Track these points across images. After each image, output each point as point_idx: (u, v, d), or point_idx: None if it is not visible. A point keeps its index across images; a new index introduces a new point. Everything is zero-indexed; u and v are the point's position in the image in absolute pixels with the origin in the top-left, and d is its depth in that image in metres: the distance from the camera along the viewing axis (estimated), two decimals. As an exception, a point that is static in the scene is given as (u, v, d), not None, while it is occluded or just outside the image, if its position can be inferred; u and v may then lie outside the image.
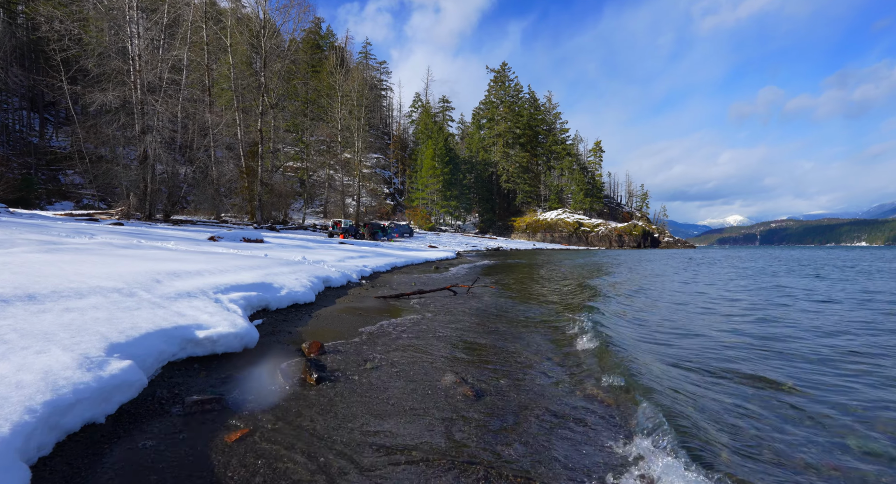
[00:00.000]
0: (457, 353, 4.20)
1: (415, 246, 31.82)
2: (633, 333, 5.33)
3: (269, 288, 5.65)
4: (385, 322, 5.45)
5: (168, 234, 13.15)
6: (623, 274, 15.17)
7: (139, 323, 3.10)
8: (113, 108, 21.86)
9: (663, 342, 4.93)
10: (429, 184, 61.28)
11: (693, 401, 3.00)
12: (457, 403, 2.92)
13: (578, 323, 5.37)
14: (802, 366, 3.98)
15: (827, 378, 3.65)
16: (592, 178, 78.22)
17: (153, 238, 11.13)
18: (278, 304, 5.59)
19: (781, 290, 10.40)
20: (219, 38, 31.15)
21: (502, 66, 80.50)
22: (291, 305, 5.85)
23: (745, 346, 4.76)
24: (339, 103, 44.59)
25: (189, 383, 2.96)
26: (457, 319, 5.90)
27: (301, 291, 6.20)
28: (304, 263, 9.45)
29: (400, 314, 6.11)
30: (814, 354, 4.39)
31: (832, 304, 8.12)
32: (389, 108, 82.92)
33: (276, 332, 4.55)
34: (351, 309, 6.21)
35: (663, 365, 3.89)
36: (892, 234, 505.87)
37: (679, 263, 24.55)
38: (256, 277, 5.96)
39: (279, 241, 16.32)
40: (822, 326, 5.99)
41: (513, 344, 4.63)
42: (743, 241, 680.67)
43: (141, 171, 23.50)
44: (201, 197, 30.07)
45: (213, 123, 28.13)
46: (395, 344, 4.38)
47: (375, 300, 7.15)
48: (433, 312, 6.35)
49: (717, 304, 8.09)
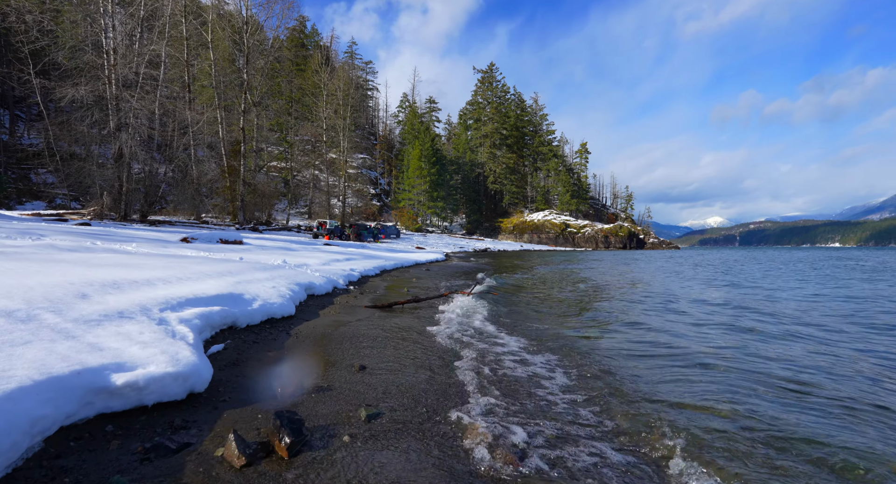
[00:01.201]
0: (484, 384, 3.44)
1: (402, 247, 31.39)
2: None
3: (238, 300, 4.82)
4: (382, 340, 4.69)
5: (136, 235, 12.47)
6: (637, 273, 15.08)
7: (14, 369, 2.06)
8: (86, 103, 20.94)
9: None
10: (415, 184, 60.86)
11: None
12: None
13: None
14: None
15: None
16: (578, 179, 78.86)
17: (115, 239, 10.41)
18: (249, 319, 4.73)
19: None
20: (199, 33, 30.25)
21: (489, 67, 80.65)
22: (266, 319, 5.03)
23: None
24: (325, 102, 43.88)
25: (82, 468, 1.87)
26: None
27: (278, 302, 5.44)
28: (285, 267, 8.76)
29: (399, 328, 5.42)
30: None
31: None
32: (376, 108, 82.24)
33: (241, 362, 3.58)
34: (338, 323, 5.46)
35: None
36: (863, 235, 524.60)
37: (690, 268, 21.83)
38: (224, 285, 5.13)
39: (260, 242, 15.75)
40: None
41: (545, 382, 3.62)
42: (723, 242, 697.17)
43: (116, 170, 22.57)
44: (181, 197, 29.11)
45: (193, 121, 27.28)
46: (400, 380, 3.40)
47: (366, 311, 6.45)
48: (437, 325, 5.68)
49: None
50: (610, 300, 9.13)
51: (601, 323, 6.51)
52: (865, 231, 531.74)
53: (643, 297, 9.58)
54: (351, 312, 6.26)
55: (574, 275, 15.44)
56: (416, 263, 17.22)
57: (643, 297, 9.58)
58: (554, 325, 6.29)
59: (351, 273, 10.10)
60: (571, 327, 6.13)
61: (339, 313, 6.13)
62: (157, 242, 11.16)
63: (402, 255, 20.59)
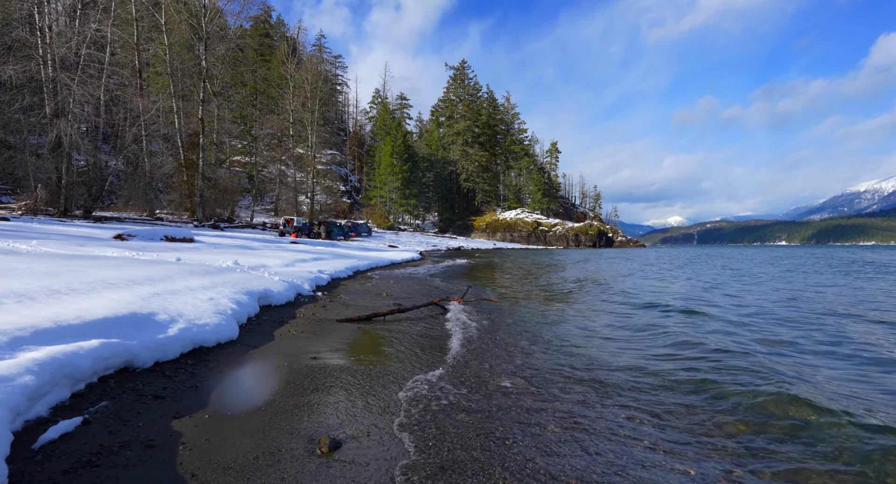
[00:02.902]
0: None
1: (374, 246, 30.26)
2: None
3: (143, 324, 3.41)
4: (365, 391, 3.18)
5: (56, 232, 10.86)
6: (626, 267, 14.70)
7: None
8: (15, 84, 18.66)
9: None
10: (387, 181, 59.52)
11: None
12: None
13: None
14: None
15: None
16: (549, 178, 79.74)
17: (22, 237, 8.86)
18: (157, 354, 3.25)
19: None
20: (151, 14, 27.93)
21: (461, 64, 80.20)
22: (191, 350, 3.63)
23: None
24: (291, 94, 41.91)
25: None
26: (496, 388, 3.44)
27: (213, 322, 4.00)
28: (235, 269, 7.46)
29: (389, 360, 3.98)
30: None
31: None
32: (346, 104, 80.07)
33: (99, 459, 2.01)
34: (298, 353, 3.96)
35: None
36: (807, 234, 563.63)
37: (678, 263, 24.62)
38: (128, 301, 3.67)
39: (216, 240, 14.37)
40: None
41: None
42: (682, 240, 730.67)
43: (54, 161, 20.32)
44: (133, 192, 26.79)
45: (145, 109, 25.09)
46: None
47: (339, 327, 5.18)
48: (445, 355, 4.25)
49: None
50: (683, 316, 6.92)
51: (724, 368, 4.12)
52: (808, 230, 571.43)
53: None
54: (318, 332, 4.91)
55: (585, 279, 14.57)
56: (392, 263, 16.31)
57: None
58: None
59: (319, 276, 8.95)
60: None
61: (301, 333, 4.77)
62: (81, 239, 9.71)
63: (375, 253, 19.60)
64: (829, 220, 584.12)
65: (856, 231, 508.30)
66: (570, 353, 4.59)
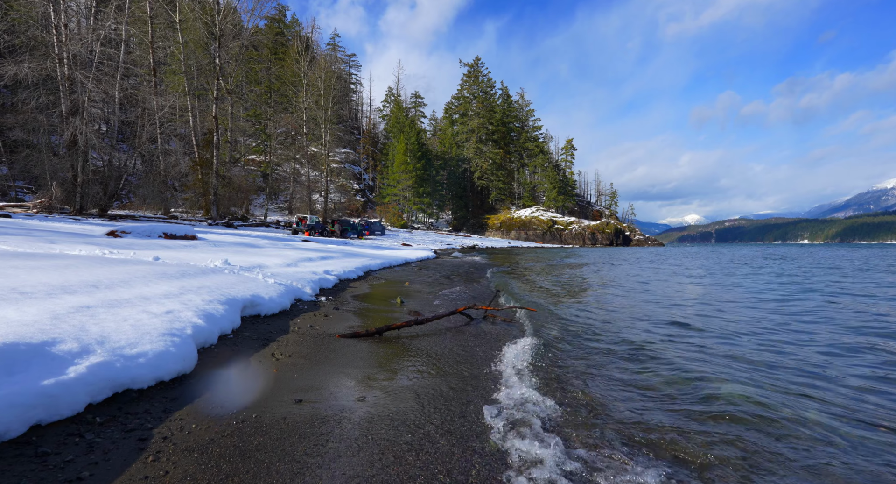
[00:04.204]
0: None
1: (388, 244, 29.80)
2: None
3: (25, 360, 2.21)
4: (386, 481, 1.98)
5: (41, 228, 10.51)
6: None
7: None
8: (31, 83, 18.64)
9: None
10: (401, 179, 59.10)
11: None
12: None
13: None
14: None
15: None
16: (565, 176, 78.35)
17: (4, 233, 8.32)
18: (36, 413, 2.02)
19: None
20: (166, 12, 27.90)
21: (475, 61, 79.25)
22: (110, 396, 2.41)
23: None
24: (305, 92, 41.73)
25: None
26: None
27: (153, 349, 2.77)
28: (223, 271, 6.53)
29: (410, 399, 2.94)
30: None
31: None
32: (359, 102, 79.91)
33: None
34: (277, 392, 2.85)
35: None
36: (830, 232, 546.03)
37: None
38: (27, 321, 2.63)
39: (222, 238, 13.94)
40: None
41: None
42: (700, 239, 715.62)
43: (69, 159, 20.32)
44: (148, 190, 26.84)
45: (159, 107, 25.04)
46: None
47: (341, 344, 4.20)
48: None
49: None
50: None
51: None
52: (832, 228, 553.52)
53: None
54: (313, 354, 3.81)
55: (625, 281, 13.71)
56: (406, 262, 15.72)
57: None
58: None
59: (325, 277, 8.09)
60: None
61: (289, 357, 3.62)
62: (70, 235, 9.29)
63: (388, 252, 19.08)
64: (856, 218, 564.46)
65: (883, 229, 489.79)
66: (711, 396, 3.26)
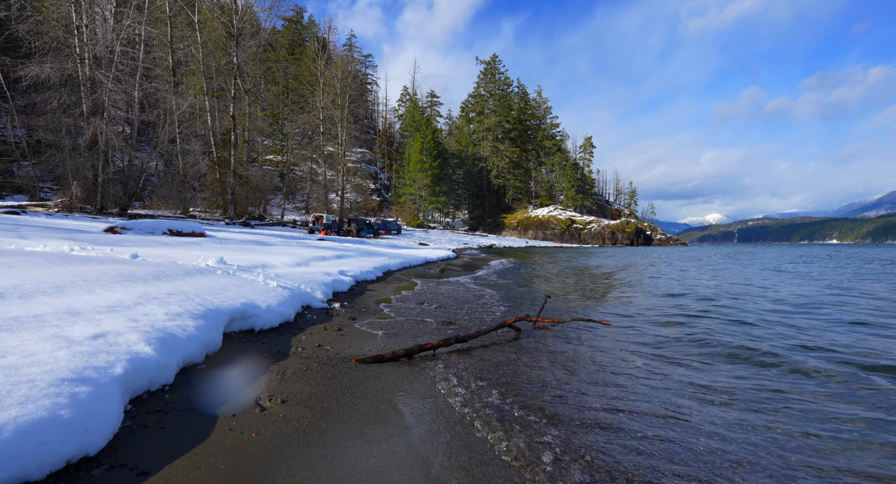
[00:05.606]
0: None
1: (404, 243, 29.35)
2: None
3: None
4: None
5: (38, 224, 10.31)
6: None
7: None
8: (53, 84, 18.76)
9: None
10: (416, 178, 58.70)
11: None
12: None
13: None
14: None
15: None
16: (583, 174, 76.77)
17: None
18: None
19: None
20: (185, 13, 28.02)
21: (492, 58, 78.33)
22: None
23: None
24: (322, 92, 41.66)
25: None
26: None
27: (18, 423, 1.55)
28: (215, 271, 5.58)
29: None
30: None
31: None
32: (375, 102, 79.93)
33: None
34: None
35: None
36: (861, 231, 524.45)
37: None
38: None
39: (232, 236, 13.59)
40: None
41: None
42: (722, 238, 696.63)
43: (90, 159, 20.45)
44: (167, 190, 27.01)
45: (178, 106, 25.09)
46: None
47: (359, 376, 3.09)
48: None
49: None
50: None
51: None
52: (863, 228, 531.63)
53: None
54: (318, 396, 2.62)
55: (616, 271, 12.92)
56: (427, 262, 15.14)
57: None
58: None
59: (339, 278, 7.18)
60: None
61: (281, 406, 2.44)
62: (65, 232, 9.00)
63: (406, 251, 18.55)
64: (889, 218, 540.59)
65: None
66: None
